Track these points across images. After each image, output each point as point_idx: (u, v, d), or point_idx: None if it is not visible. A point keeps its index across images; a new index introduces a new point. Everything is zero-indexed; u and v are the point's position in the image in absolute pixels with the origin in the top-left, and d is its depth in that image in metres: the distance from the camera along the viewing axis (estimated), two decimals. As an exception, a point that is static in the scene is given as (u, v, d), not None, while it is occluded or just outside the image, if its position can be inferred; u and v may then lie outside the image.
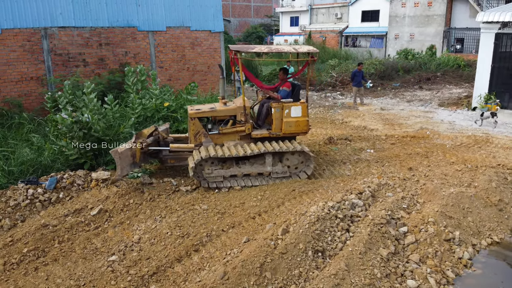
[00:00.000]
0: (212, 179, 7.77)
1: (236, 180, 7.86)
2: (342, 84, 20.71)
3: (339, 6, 38.72)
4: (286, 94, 8.40)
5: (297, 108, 8.06)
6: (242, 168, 7.90)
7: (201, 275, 5.11)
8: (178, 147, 8.18)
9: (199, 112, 8.10)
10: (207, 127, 8.19)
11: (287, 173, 8.05)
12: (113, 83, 12.78)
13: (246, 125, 8.05)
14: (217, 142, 8.11)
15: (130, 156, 7.66)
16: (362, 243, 5.34)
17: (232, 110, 8.16)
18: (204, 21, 15.30)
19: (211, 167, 7.75)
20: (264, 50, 8.08)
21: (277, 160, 8.02)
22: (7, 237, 6.13)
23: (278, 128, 8.10)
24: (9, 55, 11.48)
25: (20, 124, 10.32)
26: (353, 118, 14.02)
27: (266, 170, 7.93)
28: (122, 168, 7.45)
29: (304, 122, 8.14)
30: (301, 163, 8.16)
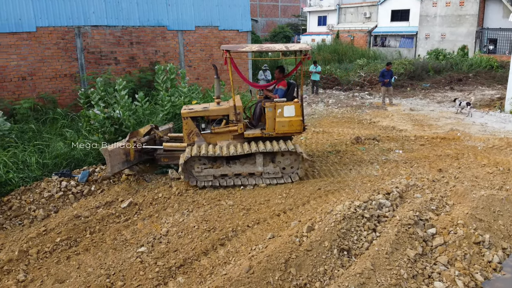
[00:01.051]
0: (202, 178, 7.76)
1: (226, 180, 7.82)
2: (370, 84, 20.46)
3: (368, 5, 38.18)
4: (282, 93, 8.33)
5: (290, 108, 7.89)
6: (232, 168, 7.85)
7: (227, 269, 5.19)
8: (171, 146, 8.23)
9: (191, 112, 8.10)
10: (200, 126, 8.18)
11: (279, 173, 7.90)
12: (144, 81, 13.09)
13: (238, 124, 7.99)
14: (211, 141, 8.09)
15: (123, 154, 7.84)
16: (389, 243, 5.29)
17: (224, 109, 8.10)
18: (232, 20, 15.44)
19: (201, 166, 7.76)
20: (254, 48, 7.97)
21: (268, 160, 7.91)
22: (41, 227, 6.37)
23: (271, 128, 7.97)
24: (44, 52, 11.91)
25: (54, 119, 10.71)
26: (381, 118, 13.83)
27: (257, 170, 7.83)
28: (113, 166, 7.62)
29: (297, 122, 7.94)
30: (295, 164, 8.01)
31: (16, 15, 11.26)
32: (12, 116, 10.50)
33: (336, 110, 15.46)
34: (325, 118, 14.02)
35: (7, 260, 5.49)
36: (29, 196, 7.19)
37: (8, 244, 5.98)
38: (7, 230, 6.48)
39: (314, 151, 10.01)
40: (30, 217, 6.78)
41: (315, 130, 12.19)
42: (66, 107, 11.88)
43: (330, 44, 33.89)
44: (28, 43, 11.59)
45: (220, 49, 8.17)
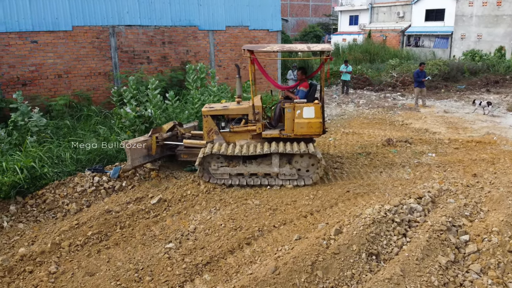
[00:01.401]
0: (217, 175, 7.83)
1: (239, 179, 7.83)
2: (402, 85, 19.99)
3: (401, 4, 37.31)
4: (304, 94, 8.23)
5: (310, 109, 7.77)
6: (248, 167, 7.83)
7: (253, 268, 5.18)
8: (191, 143, 8.34)
9: (211, 110, 8.18)
10: (220, 125, 8.23)
11: (295, 175, 7.81)
12: (175, 80, 13.30)
13: (257, 124, 7.97)
14: (229, 140, 8.13)
15: (144, 149, 8.00)
16: (420, 249, 5.15)
17: (243, 109, 8.12)
18: (262, 20, 15.45)
19: (217, 164, 7.80)
20: (276, 48, 7.94)
21: (285, 161, 7.84)
22: (73, 220, 6.57)
23: (289, 129, 7.89)
24: (79, 51, 12.28)
25: (88, 116, 11.02)
26: (414, 120, 13.49)
27: (273, 171, 7.78)
28: (133, 160, 7.81)
29: (316, 124, 7.81)
30: (312, 166, 7.89)
31: (53, 14, 11.66)
32: (48, 113, 10.89)
33: (367, 111, 15.19)
34: (355, 119, 13.81)
35: (39, 252, 5.68)
36: (63, 190, 7.42)
37: (42, 237, 6.19)
38: (41, 222, 6.71)
39: (343, 153, 9.88)
40: (63, 211, 6.99)
41: (344, 131, 12.03)
42: (100, 104, 12.21)
43: (361, 43, 33.36)
44: (65, 41, 11.98)
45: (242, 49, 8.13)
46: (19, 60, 11.42)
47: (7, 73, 11.29)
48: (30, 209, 6.96)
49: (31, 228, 6.52)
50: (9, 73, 11.33)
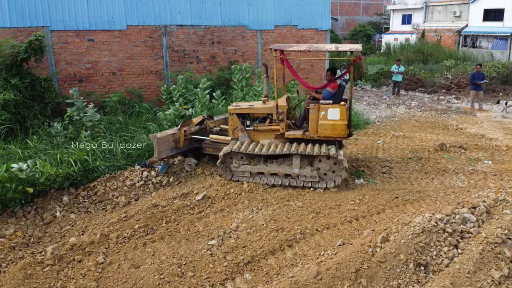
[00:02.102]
0: (238, 173, 7.89)
1: (260, 178, 7.81)
2: (458, 87, 19.04)
3: (458, 3, 35.55)
4: (328, 95, 8.02)
5: (335, 111, 7.52)
6: (269, 167, 7.78)
7: (294, 271, 5.12)
8: (217, 139, 8.47)
9: (237, 108, 8.23)
10: (245, 123, 8.26)
11: (316, 177, 7.61)
12: (222, 79, 13.46)
13: (280, 124, 7.88)
14: (254, 138, 8.16)
15: (172, 142, 8.24)
16: (472, 261, 4.86)
17: (268, 108, 8.09)
18: (311, 19, 15.26)
19: (239, 161, 7.83)
20: (302, 48, 7.78)
21: (306, 163, 7.67)
22: (122, 213, 6.80)
23: (313, 130, 7.72)
24: (132, 49, 12.72)
25: (139, 113, 11.40)
26: (469, 124, 12.80)
27: (293, 172, 7.65)
28: (160, 152, 8.02)
29: (341, 126, 7.55)
30: (333, 170, 7.67)
31: (109, 14, 12.16)
32: (102, 108, 11.38)
33: (419, 113, 14.61)
34: (406, 122, 13.31)
35: (89, 242, 5.93)
36: (113, 183, 7.72)
37: (92, 227, 6.47)
38: (92, 214, 7.01)
39: (393, 157, 9.54)
40: (112, 203, 7.27)
41: (394, 134, 11.63)
42: (151, 101, 12.60)
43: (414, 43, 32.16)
44: (119, 40, 12.45)
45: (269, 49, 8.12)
46: (76, 57, 12.01)
47: (64, 70, 11.92)
48: (82, 200, 7.30)
49: (82, 218, 6.83)
50: (67, 70, 11.95)
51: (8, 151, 8.21)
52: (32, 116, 9.95)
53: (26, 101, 10.01)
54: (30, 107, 10.10)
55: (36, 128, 9.61)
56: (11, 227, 6.26)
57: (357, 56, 7.54)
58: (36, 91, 10.44)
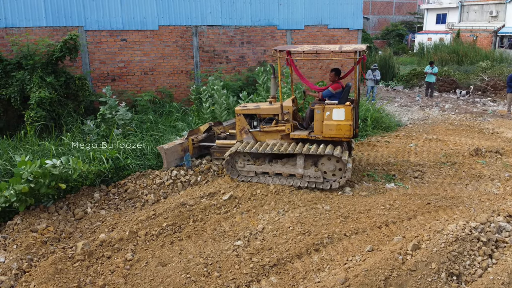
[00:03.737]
0: (244, 173, 7.94)
1: (265, 178, 7.82)
2: (494, 89, 18.33)
3: (494, 3, 34.22)
4: (328, 94, 7.95)
5: (340, 111, 7.44)
6: (273, 167, 7.79)
7: (320, 276, 5.04)
8: (223, 143, 8.64)
9: (244, 109, 8.27)
10: (252, 124, 8.28)
11: (320, 178, 7.52)
12: (251, 79, 13.46)
13: (286, 125, 7.85)
14: (260, 139, 8.19)
15: (181, 151, 8.40)
16: (507, 272, 4.67)
17: (274, 109, 8.08)
18: (342, 18, 15.03)
19: (244, 161, 7.89)
20: (305, 49, 7.77)
21: (310, 163, 7.60)
22: (151, 211, 6.89)
23: (318, 131, 7.66)
24: (164, 49, 12.90)
25: (169, 112, 11.55)
26: (506, 128, 12.28)
27: (297, 172, 7.60)
28: (169, 162, 8.20)
29: (346, 127, 7.46)
30: (339, 171, 7.57)
31: (141, 14, 12.38)
32: (133, 107, 11.60)
33: (453, 116, 14.15)
34: (439, 125, 12.91)
35: (118, 239, 6.04)
36: (143, 181, 7.84)
37: (121, 224, 6.58)
38: (121, 210, 7.14)
39: (425, 161, 9.26)
40: (142, 201, 7.38)
41: (427, 137, 11.30)
42: (181, 101, 12.75)
43: (449, 43, 31.19)
44: (151, 40, 12.66)
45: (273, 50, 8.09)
46: (110, 56, 12.29)
47: (98, 69, 12.23)
48: (112, 197, 7.45)
49: (112, 215, 6.97)
50: (100, 69, 12.25)
51: (43, 148, 8.49)
52: (66, 114, 10.26)
53: (60, 99, 10.32)
54: (64, 105, 10.41)
55: (69, 126, 9.90)
56: (43, 222, 6.45)
57: (362, 56, 7.51)
58: (70, 90, 10.75)
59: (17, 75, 10.14)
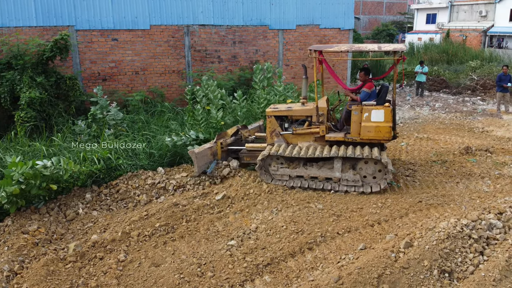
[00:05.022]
0: (277, 176, 7.74)
1: (300, 181, 7.62)
2: (483, 89, 18.54)
3: (484, 3, 34.64)
4: (365, 95, 7.78)
5: (379, 112, 7.28)
6: (309, 170, 7.59)
7: (314, 275, 5.06)
8: (253, 147, 8.36)
9: (275, 111, 8.09)
10: (283, 126, 8.11)
11: (359, 182, 7.39)
12: (243, 79, 13.45)
13: (320, 126, 7.69)
14: (292, 141, 8.00)
15: (210, 155, 8.17)
16: (498, 269, 4.72)
17: (308, 110, 7.91)
18: (333, 18, 15.09)
19: (278, 165, 7.70)
20: (343, 49, 7.59)
21: (348, 166, 7.45)
22: (143, 211, 6.85)
23: (355, 133, 7.51)
24: (155, 49, 12.84)
25: (161, 112, 11.49)
26: (495, 127, 12.43)
27: (334, 175, 7.45)
28: (199, 167, 7.95)
29: (385, 128, 7.31)
30: (378, 173, 7.43)
31: (133, 13, 12.31)
32: (125, 107, 11.52)
33: (443, 115, 14.28)
34: (430, 124, 13.03)
35: (110, 240, 6.00)
36: (135, 181, 7.80)
37: (113, 225, 6.54)
38: (113, 211, 7.10)
39: (416, 159, 9.34)
40: (134, 201, 7.34)
41: (418, 136, 11.39)
42: (172, 101, 12.69)
43: (439, 43, 31.48)
44: (142, 40, 12.59)
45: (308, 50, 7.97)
46: (100, 56, 12.20)
47: (89, 69, 12.13)
48: (104, 198, 7.40)
49: (104, 216, 6.92)
50: (91, 69, 12.16)
51: (33, 149, 8.40)
52: (57, 114, 10.16)
53: (51, 99, 10.22)
54: (55, 105, 10.31)
55: (60, 126, 9.81)
56: (34, 223, 6.39)
57: (401, 56, 7.38)
58: (61, 90, 10.65)
59: (7, 75, 10.02)
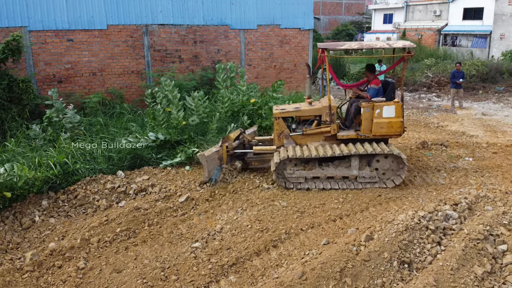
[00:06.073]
0: (293, 179, 7.59)
1: (315, 183, 7.56)
2: (438, 85, 19.35)
3: (438, 3, 36.15)
4: (375, 92, 7.92)
5: (390, 108, 7.47)
6: (325, 171, 7.56)
7: (279, 272, 5.08)
8: (261, 150, 8.16)
9: (283, 112, 8.00)
10: (291, 127, 8.03)
11: (375, 178, 7.49)
12: (205, 79, 13.34)
13: (332, 125, 7.72)
14: (301, 142, 7.92)
15: (217, 159, 7.85)
16: (455, 258, 4.91)
17: (317, 110, 7.91)
18: (294, 18, 15.26)
19: (293, 167, 7.58)
20: (354, 46, 7.67)
21: (364, 163, 7.53)
22: (103, 217, 6.64)
23: (367, 129, 7.62)
24: (113, 49, 12.50)
25: (120, 114, 11.20)
26: (450, 122, 12.99)
27: (352, 173, 7.47)
28: (209, 171, 7.65)
29: (397, 124, 7.52)
30: (391, 170, 7.58)
31: (88, 13, 11.92)
32: (82, 110, 11.13)
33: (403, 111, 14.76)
34: (387, 121, 13.41)
35: (69, 247, 5.78)
36: (94, 186, 7.55)
37: (72, 232, 6.30)
38: (72, 218, 6.84)
39: (375, 155, 9.59)
40: (93, 207, 7.11)
41: (376, 133, 11.70)
42: (132, 102, 12.40)
43: (396, 42, 32.48)
44: (99, 40, 12.22)
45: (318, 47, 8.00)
46: (55, 57, 11.74)
47: (43, 71, 11.64)
48: (62, 204, 7.12)
49: (62, 223, 6.66)
50: (45, 71, 11.67)
51: (-16, 155, 7.97)
52: (10, 119, 9.69)
53: (3, 103, 9.74)
54: (8, 109, 9.83)
55: (14, 131, 9.36)
56: (-13, 233, 6.07)
57: (409, 52, 7.55)
58: (13, 93, 10.15)
59: (-47, 78, 9.46)
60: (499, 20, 29.33)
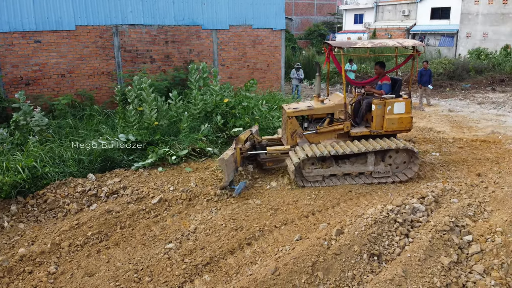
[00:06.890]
0: (311, 178, 7.62)
1: (332, 180, 7.65)
2: (406, 83, 19.86)
3: (406, 3, 37.15)
4: (388, 88, 8.12)
5: (401, 104, 7.74)
6: (342, 168, 7.66)
7: (253, 269, 5.14)
8: (275, 150, 8.08)
9: (297, 111, 8.04)
10: (303, 126, 8.09)
11: (389, 173, 7.70)
12: (178, 79, 13.25)
13: (345, 123, 7.85)
14: (313, 141, 7.99)
15: (233, 162, 7.68)
16: (422, 249, 5.08)
17: (330, 108, 8.01)
18: (265, 18, 15.37)
19: (311, 166, 7.61)
20: (368, 45, 7.86)
21: (379, 159, 7.71)
22: (74, 220, 6.51)
23: (379, 126, 7.84)
24: (82, 50, 12.27)
25: (90, 116, 11.00)
26: (418, 119, 13.38)
27: (368, 169, 7.65)
28: (229, 174, 7.39)
29: (407, 119, 7.84)
30: (403, 163, 7.82)
31: (56, 14, 11.66)
32: (51, 112, 10.88)
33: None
34: (358, 118, 13.69)
35: (39, 252, 5.66)
36: (64, 190, 7.40)
37: (42, 237, 6.17)
38: (42, 222, 6.69)
39: (346, 152, 9.78)
40: (64, 211, 6.97)
41: (348, 131, 11.93)
42: (103, 103, 12.20)
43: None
44: (68, 41, 11.97)
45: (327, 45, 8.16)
46: (23, 59, 11.43)
47: (10, 73, 11.31)
48: (31, 209, 6.95)
49: (31, 228, 6.51)
50: (12, 73, 11.35)
51: None
52: (-26, 123, 9.38)
53: (-34, 107, 9.41)
54: (-28, 113, 9.51)
55: (-22, 135, 9.05)
56: (-48, 241, 5.86)
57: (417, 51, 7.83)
58: (-22, 96, 9.84)
59: None
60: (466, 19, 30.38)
